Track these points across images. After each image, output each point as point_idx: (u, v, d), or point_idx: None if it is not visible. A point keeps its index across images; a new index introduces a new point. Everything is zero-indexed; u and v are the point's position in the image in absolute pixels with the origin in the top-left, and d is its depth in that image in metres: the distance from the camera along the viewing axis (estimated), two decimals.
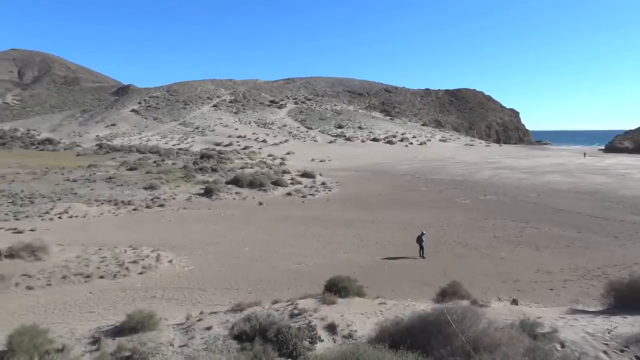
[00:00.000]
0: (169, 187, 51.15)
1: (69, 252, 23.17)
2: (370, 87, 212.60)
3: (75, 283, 19.88)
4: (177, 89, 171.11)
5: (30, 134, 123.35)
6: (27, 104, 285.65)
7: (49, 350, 12.02)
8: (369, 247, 28.11)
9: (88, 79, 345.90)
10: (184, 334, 12.92)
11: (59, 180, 54.54)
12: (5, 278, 19.01)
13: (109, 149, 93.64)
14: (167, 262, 23.21)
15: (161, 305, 17.23)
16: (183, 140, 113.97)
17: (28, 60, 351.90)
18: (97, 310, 17.03)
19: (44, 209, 38.45)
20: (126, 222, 35.61)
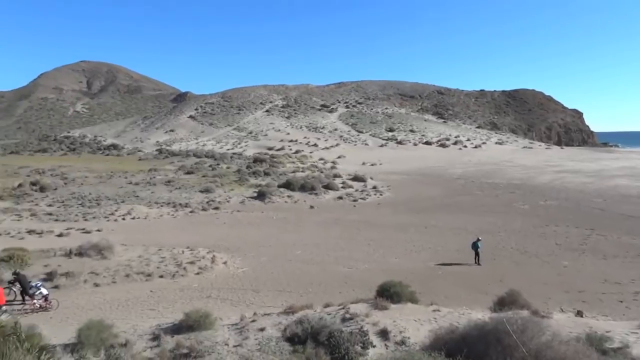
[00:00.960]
0: (223, 191, 52.72)
1: (131, 252, 24.39)
2: (422, 89, 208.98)
3: (137, 281, 20.89)
4: (231, 95, 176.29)
5: (97, 140, 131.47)
6: (95, 112, 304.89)
7: (114, 344, 12.70)
8: (422, 252, 27.56)
9: (149, 87, 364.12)
10: (238, 334, 13.22)
11: (122, 183, 57.73)
12: (75, 275, 20.31)
13: (167, 154, 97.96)
14: (222, 263, 23.88)
15: (216, 305, 17.72)
16: (237, 144, 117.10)
17: (96, 71, 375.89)
18: (157, 308, 17.79)
19: (109, 210, 40.80)
20: (184, 223, 37.03)
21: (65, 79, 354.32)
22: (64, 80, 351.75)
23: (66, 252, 23.16)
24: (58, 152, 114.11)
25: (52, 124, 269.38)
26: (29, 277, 18.22)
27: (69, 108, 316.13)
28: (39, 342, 7.14)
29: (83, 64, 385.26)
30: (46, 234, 31.61)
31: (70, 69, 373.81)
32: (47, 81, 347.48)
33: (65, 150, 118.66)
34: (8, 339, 6.76)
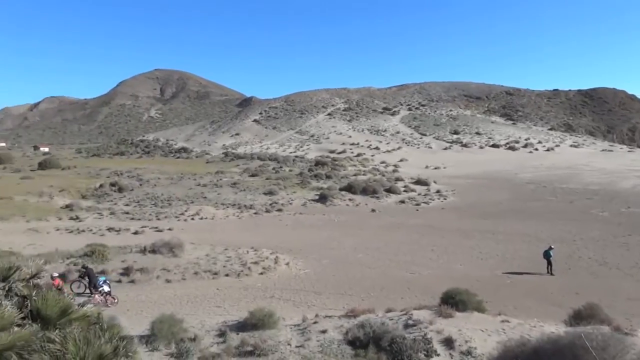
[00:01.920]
0: (286, 193, 53.73)
1: (199, 251, 25.50)
2: (490, 90, 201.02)
3: (205, 279, 21.80)
4: (294, 99, 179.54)
5: (168, 144, 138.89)
6: (167, 117, 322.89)
7: (184, 338, 13.32)
8: (489, 259, 26.45)
9: (216, 92, 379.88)
10: (301, 335, 13.39)
11: (191, 185, 60.57)
12: (149, 271, 21.56)
13: (233, 157, 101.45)
14: (284, 264, 24.33)
15: (279, 305, 18.06)
16: (299, 148, 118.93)
17: (168, 78, 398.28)
18: (223, 305, 18.44)
19: (179, 210, 42.96)
20: (248, 224, 38.16)
21: (141, 87, 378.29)
22: (140, 88, 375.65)
23: (141, 249, 24.64)
24: (134, 155, 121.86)
25: (129, 129, 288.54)
26: (97, 272, 19.49)
27: (144, 113, 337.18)
28: (118, 333, 7.60)
29: (157, 72, 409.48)
30: (123, 231, 33.85)
31: (145, 77, 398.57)
32: (125, 89, 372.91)
33: (140, 153, 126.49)
34: (92, 327, 7.28)
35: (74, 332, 6.85)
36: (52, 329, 7.08)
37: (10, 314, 6.68)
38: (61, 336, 6.69)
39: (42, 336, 6.72)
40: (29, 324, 7.11)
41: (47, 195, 50.40)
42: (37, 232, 33.92)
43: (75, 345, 6.51)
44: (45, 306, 7.44)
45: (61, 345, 6.49)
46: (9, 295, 7.64)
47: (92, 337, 6.80)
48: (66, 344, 6.50)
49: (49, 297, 7.64)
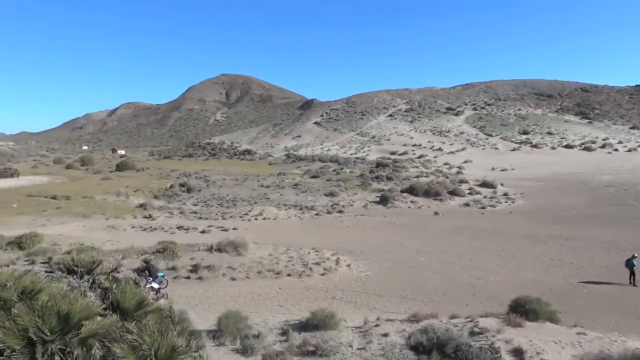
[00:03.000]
0: (347, 194, 53.78)
1: (263, 250, 26.13)
2: (563, 87, 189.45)
3: (268, 278, 22.29)
4: (355, 100, 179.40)
5: (233, 146, 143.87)
6: (232, 120, 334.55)
7: (248, 335, 13.71)
8: (562, 267, 24.88)
9: (279, 96, 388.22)
10: (362, 338, 13.32)
11: (255, 186, 62.31)
12: (215, 268, 22.40)
13: (295, 159, 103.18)
14: (345, 266, 24.33)
15: (340, 307, 18.08)
16: (360, 149, 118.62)
17: (233, 83, 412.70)
18: (285, 304, 18.76)
19: (243, 210, 44.31)
20: (309, 225, 38.58)
21: (208, 91, 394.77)
22: (207, 93, 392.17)
23: (208, 247, 25.66)
24: (201, 157, 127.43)
25: (197, 132, 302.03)
26: (158, 268, 20.32)
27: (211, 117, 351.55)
28: (188, 327, 7.99)
29: (223, 77, 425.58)
30: (192, 230, 35.46)
31: (212, 82, 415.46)
32: (193, 94, 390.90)
33: (207, 155, 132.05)
34: (165, 320, 7.69)
35: (149, 324, 7.29)
36: (130, 320, 7.56)
37: (94, 305, 7.23)
38: (138, 327, 7.14)
39: (121, 326, 7.22)
40: (110, 314, 7.65)
41: (124, 195, 53.97)
42: (115, 229, 36.41)
43: (150, 337, 6.92)
44: (123, 298, 7.98)
45: (138, 335, 6.93)
46: (93, 287, 8.28)
47: (165, 329, 7.20)
48: (142, 335, 6.93)
49: (127, 290, 8.19)
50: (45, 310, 6.70)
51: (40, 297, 6.93)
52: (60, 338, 6.55)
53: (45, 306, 6.76)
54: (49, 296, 6.92)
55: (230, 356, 12.30)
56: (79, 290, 7.47)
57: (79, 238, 31.81)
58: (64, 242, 29.85)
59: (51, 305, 6.74)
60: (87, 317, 6.81)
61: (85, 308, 6.85)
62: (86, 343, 6.65)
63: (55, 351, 6.46)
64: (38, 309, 6.67)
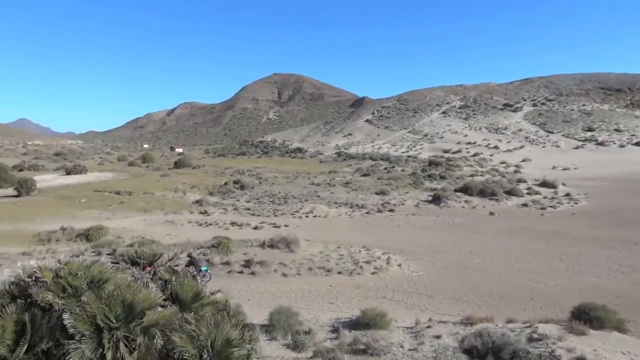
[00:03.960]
0: (398, 193, 53.11)
1: (313, 248, 26.35)
2: (634, 80, 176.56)
3: (318, 275, 22.45)
4: (407, 98, 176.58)
5: (285, 144, 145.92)
6: (284, 119, 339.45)
7: (299, 331, 13.89)
8: (632, 273, 23.26)
9: (330, 94, 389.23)
10: (413, 338, 13.13)
11: (306, 184, 62.91)
12: (267, 264, 22.85)
13: (345, 157, 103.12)
14: (396, 265, 24.05)
15: (390, 307, 17.90)
16: (412, 147, 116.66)
17: (285, 82, 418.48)
18: (335, 302, 18.82)
19: (294, 208, 44.87)
20: (360, 224, 38.46)
21: (261, 91, 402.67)
22: (260, 92, 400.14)
23: (260, 243, 26.22)
24: (254, 155, 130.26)
25: (250, 131, 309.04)
26: (202, 262, 20.90)
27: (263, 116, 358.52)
28: (243, 320, 8.21)
29: (275, 76, 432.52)
30: (245, 226, 36.35)
31: (265, 81, 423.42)
32: (247, 93, 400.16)
33: (259, 153, 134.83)
34: (221, 313, 7.95)
35: (206, 315, 7.56)
36: (188, 312, 7.88)
37: (155, 295, 7.60)
38: (195, 319, 7.43)
39: (180, 317, 7.54)
40: (169, 305, 8.00)
41: (181, 191, 56.22)
42: (173, 223, 38.01)
43: (207, 328, 7.18)
44: (182, 290, 8.32)
45: (195, 326, 7.21)
46: (154, 279, 8.69)
47: (220, 322, 7.44)
48: (199, 326, 7.20)
49: (185, 282, 8.54)
50: (111, 299, 7.12)
51: (107, 287, 7.36)
52: (125, 326, 6.94)
53: (112, 295, 7.18)
54: (115, 286, 7.33)
55: (281, 351, 12.52)
56: (142, 281, 7.86)
57: (140, 232, 33.51)
58: (126, 235, 31.55)
59: (117, 295, 7.15)
60: (150, 307, 7.17)
61: (148, 298, 7.22)
62: (148, 332, 7.01)
63: (120, 338, 6.85)
64: (105, 297, 7.10)
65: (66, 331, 6.70)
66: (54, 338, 6.77)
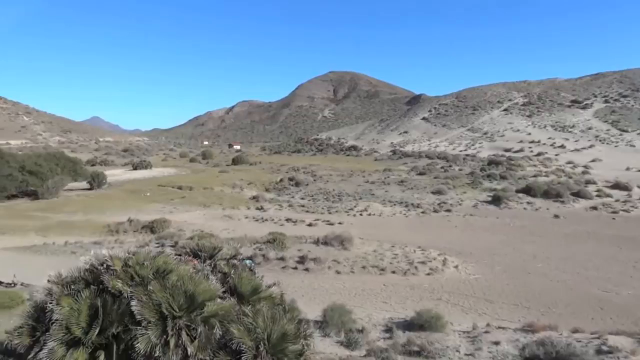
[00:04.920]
0: (455, 193, 51.67)
1: (367, 246, 26.21)
2: None
3: (372, 274, 22.31)
4: (466, 95, 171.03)
5: (340, 142, 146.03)
6: (339, 117, 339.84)
7: (352, 328, 13.89)
8: None
9: (386, 91, 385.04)
10: (470, 343, 12.73)
11: (360, 182, 62.67)
12: (321, 261, 23.01)
13: (401, 155, 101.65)
14: (452, 267, 23.42)
15: (446, 309, 17.47)
16: (470, 146, 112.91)
17: (341, 80, 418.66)
18: (389, 301, 18.64)
19: (349, 205, 44.84)
20: (415, 223, 37.80)
21: (316, 89, 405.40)
22: (316, 90, 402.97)
23: (314, 240, 26.46)
24: (309, 153, 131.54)
25: (305, 128, 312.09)
26: (246, 257, 21.18)
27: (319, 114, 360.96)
28: (298, 315, 8.34)
29: (331, 74, 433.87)
30: (299, 222, 36.81)
31: (320, 79, 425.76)
32: (302, 91, 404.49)
33: (314, 151, 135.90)
34: (277, 308, 8.10)
35: (263, 309, 7.74)
36: (245, 305, 8.11)
37: (215, 287, 7.88)
38: (253, 312, 7.63)
39: (238, 309, 7.77)
40: (228, 297, 8.27)
41: (239, 187, 57.83)
42: (230, 218, 39.20)
43: (263, 321, 7.35)
44: (240, 284, 8.57)
45: (253, 319, 7.40)
46: (214, 272, 9.01)
47: (277, 316, 7.59)
48: (256, 319, 7.39)
49: (243, 276, 8.78)
50: (174, 289, 7.47)
51: (171, 277, 7.73)
52: (187, 315, 7.27)
53: (175, 285, 7.54)
54: (178, 277, 7.69)
55: (334, 348, 12.57)
56: (203, 273, 8.20)
57: (199, 225, 34.86)
58: (187, 228, 32.93)
59: (180, 285, 7.50)
60: (210, 298, 7.47)
61: (208, 290, 7.51)
62: (208, 322, 7.30)
63: (182, 327, 7.18)
64: (169, 287, 7.46)
65: (134, 317, 7.13)
66: (123, 323, 7.21)
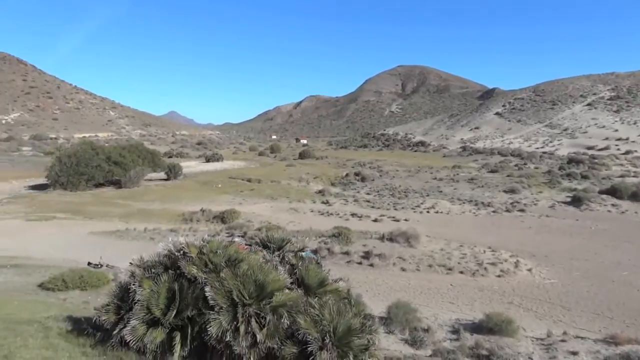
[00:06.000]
0: (530, 192, 48.96)
1: (434, 244, 25.60)
2: None
3: (439, 273, 21.78)
4: (544, 88, 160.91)
5: (407, 137, 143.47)
6: (407, 112, 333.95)
7: (417, 327, 13.67)
8: None
9: (456, 85, 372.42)
10: (545, 351, 12.08)
11: (427, 178, 61.22)
12: (386, 257, 22.82)
13: (471, 151, 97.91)
14: (525, 270, 22.27)
15: (518, 314, 16.65)
16: (548, 143, 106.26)
17: (409, 74, 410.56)
18: (456, 302, 18.10)
19: (415, 202, 43.98)
20: (485, 223, 36.31)
21: (384, 83, 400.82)
22: (383, 84, 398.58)
23: (380, 236, 26.27)
24: (375, 148, 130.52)
25: (372, 123, 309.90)
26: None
27: (386, 109, 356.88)
28: (363, 310, 8.35)
29: (399, 68, 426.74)
30: (364, 218, 36.68)
31: (388, 73, 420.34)
32: (370, 86, 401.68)
33: (381, 146, 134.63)
34: (343, 301, 8.16)
35: (329, 302, 7.83)
36: (312, 297, 8.25)
37: (284, 278, 8.09)
38: (319, 304, 7.74)
39: (305, 301, 7.93)
40: (296, 288, 8.46)
41: (305, 181, 58.72)
42: (296, 211, 39.93)
43: (330, 314, 7.43)
44: (307, 276, 8.72)
45: (319, 311, 7.51)
46: (283, 263, 9.25)
47: (343, 309, 7.65)
48: (323, 311, 7.49)
49: (310, 269, 8.93)
50: (245, 278, 7.77)
51: (242, 266, 8.05)
52: (256, 303, 7.53)
53: (245, 274, 7.84)
54: (249, 266, 7.99)
55: (399, 345, 12.45)
56: (272, 264, 8.45)
57: (267, 217, 35.85)
58: (255, 220, 34.00)
59: (250, 274, 7.78)
60: (279, 288, 7.68)
61: (277, 280, 7.74)
62: (277, 311, 7.51)
63: (252, 314, 7.45)
64: (240, 275, 7.77)
65: (207, 302, 7.52)
66: (197, 307, 7.63)
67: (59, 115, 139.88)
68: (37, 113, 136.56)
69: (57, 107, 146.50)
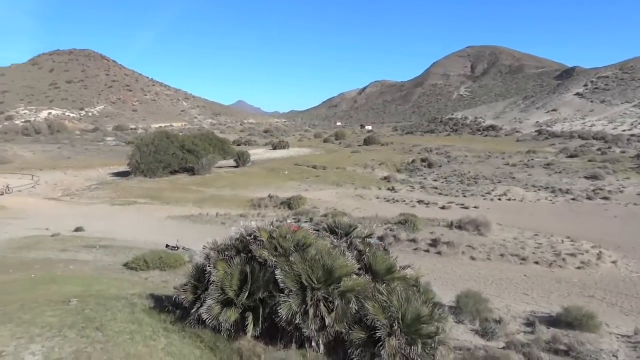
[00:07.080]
0: (615, 179, 45.26)
1: (507, 233, 24.48)
2: None
3: (512, 263, 20.84)
4: (633, 65, 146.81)
5: (477, 122, 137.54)
6: (476, 95, 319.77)
7: (489, 318, 13.20)
8: None
9: (531, 65, 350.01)
10: (632, 350, 11.22)
11: (499, 164, 58.47)
12: (455, 245, 22.19)
13: (548, 135, 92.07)
14: (610, 262, 20.69)
15: (600, 308, 15.55)
16: (637, 125, 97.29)
17: (479, 55, 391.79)
18: (530, 294, 17.25)
19: (486, 189, 42.28)
20: (563, 211, 34.17)
21: (453, 66, 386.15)
22: (451, 67, 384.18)
23: (448, 223, 25.55)
24: (443, 133, 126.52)
25: (439, 108, 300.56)
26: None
27: (454, 92, 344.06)
28: (433, 298, 8.19)
29: (468, 49, 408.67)
30: (432, 205, 35.88)
31: (457, 55, 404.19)
32: (437, 69, 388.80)
33: (449, 131, 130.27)
34: (411, 289, 8.06)
35: (397, 289, 7.77)
36: (380, 283, 8.23)
37: (352, 264, 8.14)
38: (387, 290, 7.71)
39: (373, 287, 7.93)
40: (363, 274, 8.48)
41: (370, 168, 58.38)
42: (362, 198, 39.88)
43: (398, 301, 7.38)
44: (375, 262, 8.71)
45: (387, 298, 7.48)
46: (350, 249, 9.29)
47: (411, 297, 7.56)
48: (391, 298, 7.45)
49: (378, 255, 8.89)
50: (313, 262, 7.90)
51: (310, 251, 8.19)
52: (325, 288, 7.65)
53: (314, 259, 7.97)
54: (317, 251, 8.12)
55: (469, 336, 12.10)
56: (339, 250, 8.52)
57: (333, 203, 36.14)
58: (321, 206, 34.41)
59: (318, 259, 7.91)
60: (346, 274, 7.74)
61: (345, 266, 7.80)
62: (345, 296, 7.59)
63: (321, 298, 7.58)
64: (308, 260, 7.92)
65: (277, 285, 7.75)
66: (268, 290, 7.89)
67: (137, 107, 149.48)
68: (119, 105, 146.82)
69: (136, 100, 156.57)
